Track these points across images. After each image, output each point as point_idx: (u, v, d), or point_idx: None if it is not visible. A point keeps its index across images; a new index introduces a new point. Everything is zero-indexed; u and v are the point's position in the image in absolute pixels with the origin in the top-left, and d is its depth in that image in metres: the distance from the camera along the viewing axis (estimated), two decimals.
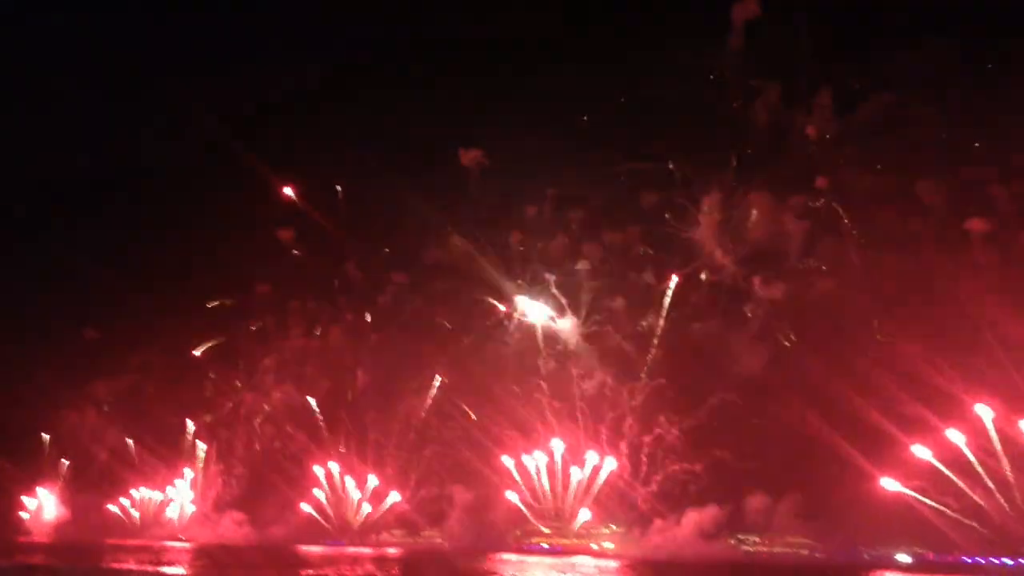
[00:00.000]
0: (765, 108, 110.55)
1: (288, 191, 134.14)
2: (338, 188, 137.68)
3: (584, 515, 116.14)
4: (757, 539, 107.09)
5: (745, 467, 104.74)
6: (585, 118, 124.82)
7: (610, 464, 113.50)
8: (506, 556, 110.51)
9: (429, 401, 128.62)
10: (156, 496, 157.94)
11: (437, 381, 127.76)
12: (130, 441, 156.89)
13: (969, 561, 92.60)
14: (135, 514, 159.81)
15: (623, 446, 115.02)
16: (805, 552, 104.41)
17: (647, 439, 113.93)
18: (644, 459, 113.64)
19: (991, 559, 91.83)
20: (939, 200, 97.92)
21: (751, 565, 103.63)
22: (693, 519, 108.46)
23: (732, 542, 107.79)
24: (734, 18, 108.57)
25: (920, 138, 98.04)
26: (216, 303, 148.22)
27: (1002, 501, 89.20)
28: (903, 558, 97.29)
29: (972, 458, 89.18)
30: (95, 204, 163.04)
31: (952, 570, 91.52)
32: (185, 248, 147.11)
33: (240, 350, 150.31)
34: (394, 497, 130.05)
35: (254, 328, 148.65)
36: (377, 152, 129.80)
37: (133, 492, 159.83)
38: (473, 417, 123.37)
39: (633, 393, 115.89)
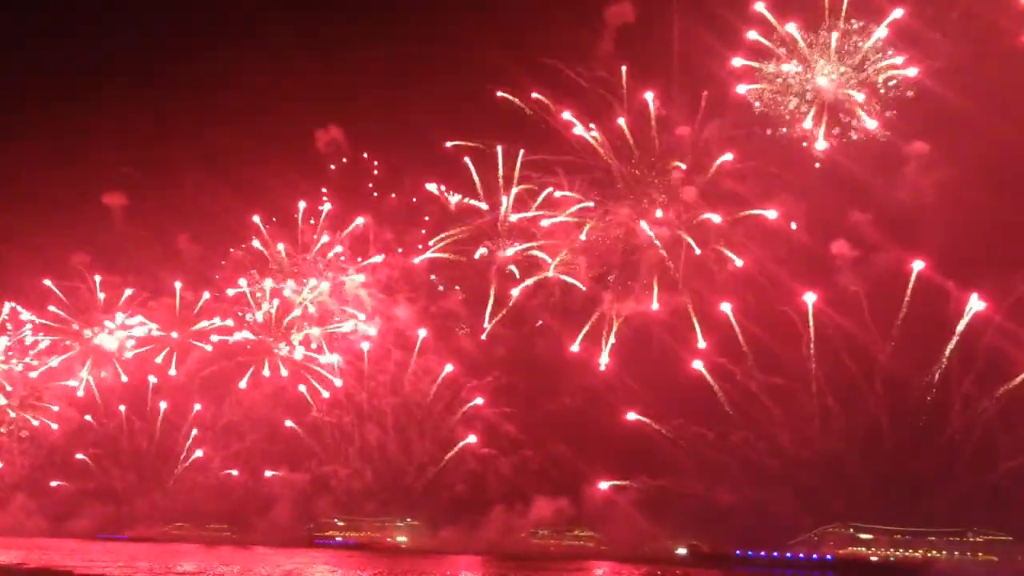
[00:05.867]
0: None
1: None
2: None
3: None
4: (547, 532, 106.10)
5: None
6: None
7: None
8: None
9: None
10: None
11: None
12: None
13: (739, 553, 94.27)
14: None
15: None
16: (591, 545, 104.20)
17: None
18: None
19: (760, 552, 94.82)
20: None
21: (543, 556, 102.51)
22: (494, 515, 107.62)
23: (524, 535, 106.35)
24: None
25: None
26: None
27: None
28: (680, 551, 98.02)
29: None
30: None
31: (723, 562, 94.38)
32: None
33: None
34: None
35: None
36: None
37: None
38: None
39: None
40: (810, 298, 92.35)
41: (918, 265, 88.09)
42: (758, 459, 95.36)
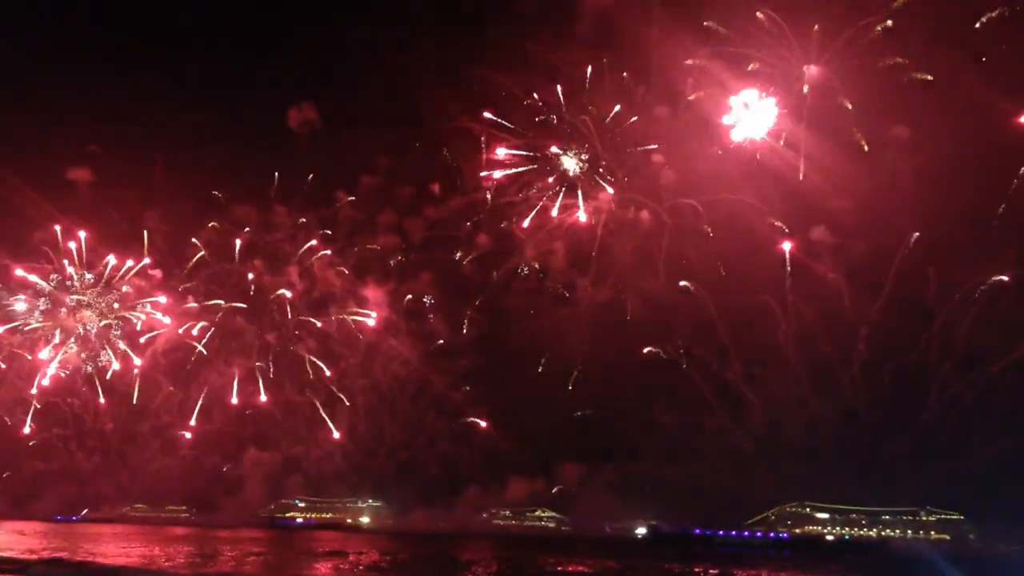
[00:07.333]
0: None
1: None
2: None
3: None
4: (509, 513, 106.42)
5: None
6: None
7: None
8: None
9: None
10: None
11: None
12: None
13: (697, 532, 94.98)
14: None
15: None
16: (552, 526, 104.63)
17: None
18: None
19: (717, 531, 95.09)
20: None
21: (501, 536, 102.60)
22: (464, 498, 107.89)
23: (485, 516, 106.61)
24: None
25: None
26: None
27: None
28: (641, 531, 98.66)
29: None
30: None
31: (682, 541, 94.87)
32: None
33: None
34: None
35: None
36: None
37: None
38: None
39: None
40: (787, 246, 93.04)
41: (915, 236, 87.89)
42: (731, 443, 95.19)
